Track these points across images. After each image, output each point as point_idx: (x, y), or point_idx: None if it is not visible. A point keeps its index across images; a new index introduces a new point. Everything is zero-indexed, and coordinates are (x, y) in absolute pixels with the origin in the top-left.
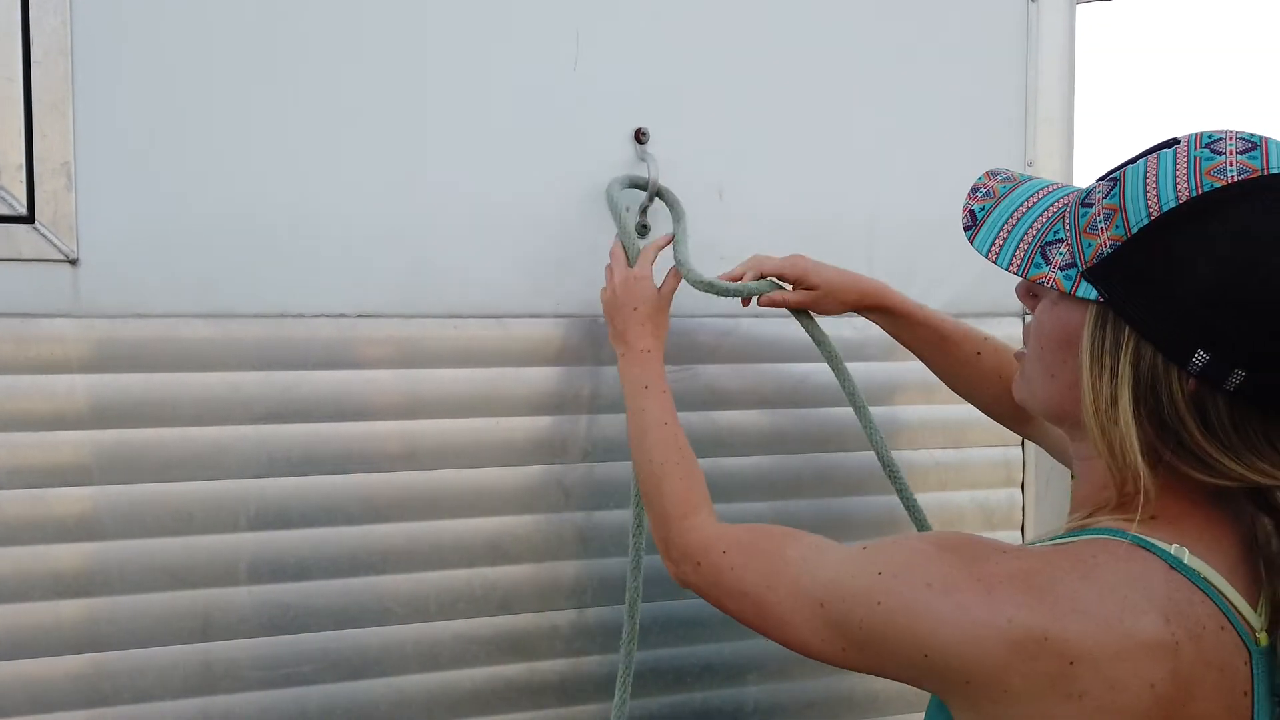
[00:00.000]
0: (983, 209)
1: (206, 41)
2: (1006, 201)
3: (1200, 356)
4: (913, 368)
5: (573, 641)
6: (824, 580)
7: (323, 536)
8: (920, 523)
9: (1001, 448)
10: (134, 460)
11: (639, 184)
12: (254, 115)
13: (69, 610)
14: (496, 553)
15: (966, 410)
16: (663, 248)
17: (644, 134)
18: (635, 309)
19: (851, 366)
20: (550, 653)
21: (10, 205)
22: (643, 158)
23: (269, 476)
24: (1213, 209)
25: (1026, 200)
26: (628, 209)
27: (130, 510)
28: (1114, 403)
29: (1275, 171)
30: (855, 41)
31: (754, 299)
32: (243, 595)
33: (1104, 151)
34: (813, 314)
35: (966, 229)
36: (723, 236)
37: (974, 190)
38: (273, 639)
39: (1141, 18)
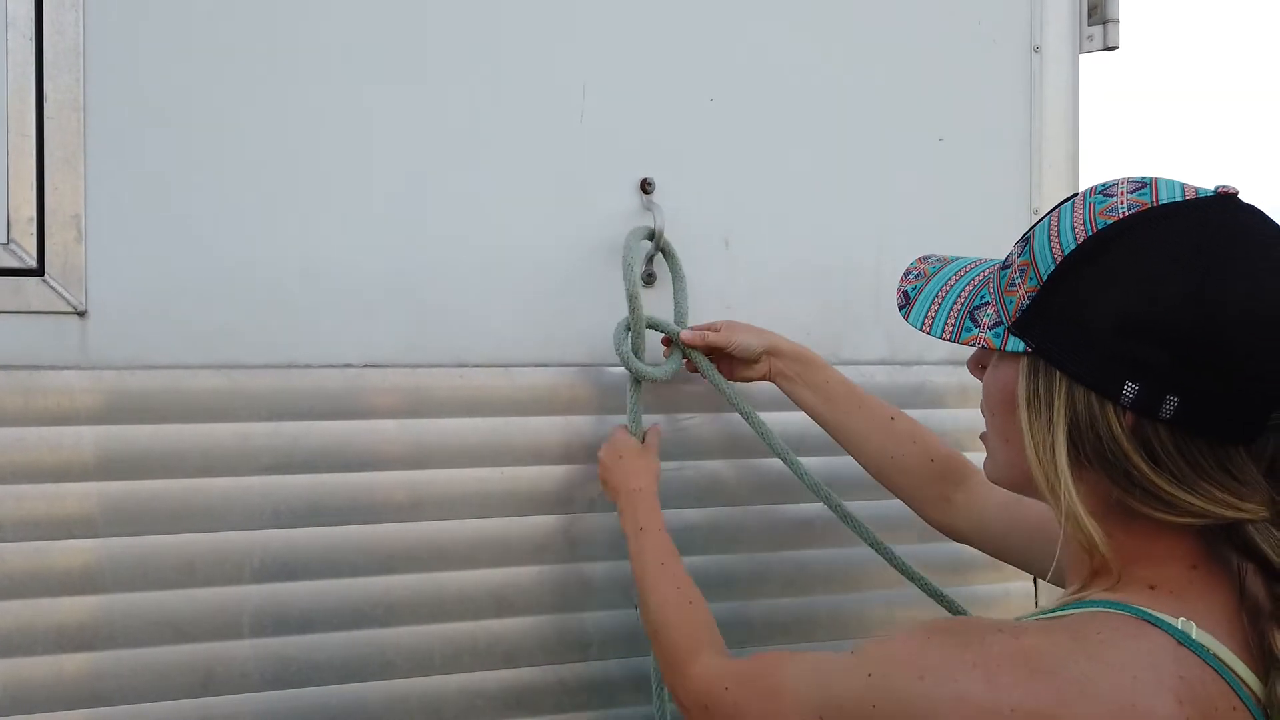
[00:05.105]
0: (914, 288)
1: (215, 96)
2: (936, 279)
3: (1130, 388)
4: (923, 417)
5: (578, 695)
6: (819, 693)
7: (326, 589)
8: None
9: None
10: (140, 512)
11: (650, 235)
12: (261, 168)
13: (71, 664)
14: (502, 604)
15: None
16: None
17: (650, 184)
18: (620, 457)
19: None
20: (556, 707)
21: (20, 258)
22: (649, 207)
23: (274, 528)
24: (1107, 244)
25: (954, 275)
26: (642, 269)
27: (134, 563)
28: (1051, 448)
29: (1164, 203)
30: (860, 91)
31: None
32: (245, 648)
33: None
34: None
35: (901, 308)
36: (729, 285)
37: (906, 274)
38: (275, 693)
39: (1145, 65)
